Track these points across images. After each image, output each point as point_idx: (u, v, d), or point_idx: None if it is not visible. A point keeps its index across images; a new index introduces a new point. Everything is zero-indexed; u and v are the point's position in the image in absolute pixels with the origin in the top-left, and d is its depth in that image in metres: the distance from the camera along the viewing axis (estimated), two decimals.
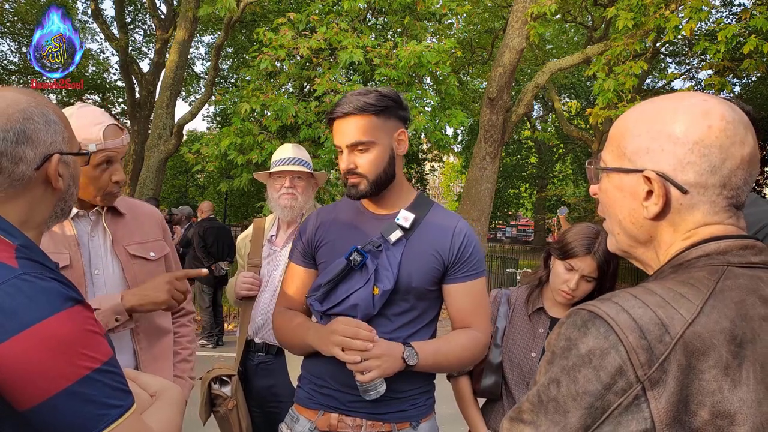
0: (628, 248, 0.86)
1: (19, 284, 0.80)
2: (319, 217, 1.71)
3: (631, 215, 0.82)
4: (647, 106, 0.82)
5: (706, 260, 0.75)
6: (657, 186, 0.77)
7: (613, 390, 0.66)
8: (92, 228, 1.64)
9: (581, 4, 12.12)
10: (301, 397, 1.66)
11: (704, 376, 0.65)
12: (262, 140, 7.76)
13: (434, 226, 1.61)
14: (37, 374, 0.77)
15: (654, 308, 0.68)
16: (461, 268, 1.60)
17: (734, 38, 7.74)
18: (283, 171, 2.37)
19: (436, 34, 10.65)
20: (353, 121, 1.53)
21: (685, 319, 0.67)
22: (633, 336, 0.66)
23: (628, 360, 0.66)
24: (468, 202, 9.22)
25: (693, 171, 0.75)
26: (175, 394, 1.04)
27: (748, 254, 0.75)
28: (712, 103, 0.77)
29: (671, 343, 0.66)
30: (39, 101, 0.96)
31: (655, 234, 0.81)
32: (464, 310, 1.61)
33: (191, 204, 24.66)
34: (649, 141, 0.78)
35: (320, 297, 1.57)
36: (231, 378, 2.32)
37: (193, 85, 21.34)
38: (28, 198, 0.94)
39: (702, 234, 0.77)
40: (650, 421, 0.65)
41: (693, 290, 0.71)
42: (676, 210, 0.78)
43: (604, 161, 0.86)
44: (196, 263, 7.04)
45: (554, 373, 0.70)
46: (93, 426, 0.79)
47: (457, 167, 30.82)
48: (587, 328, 0.69)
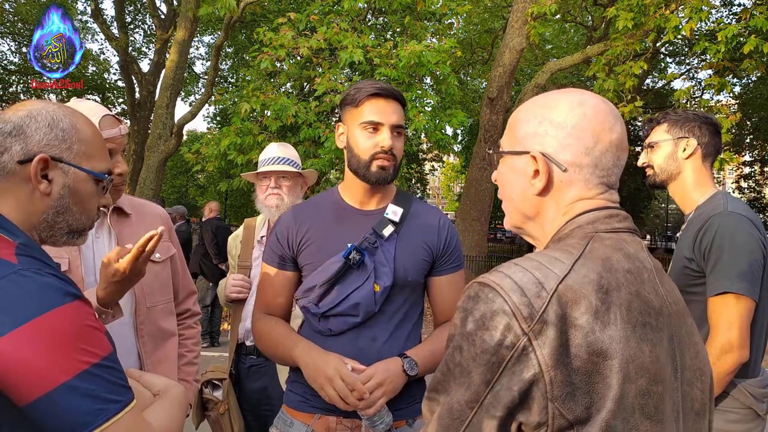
0: (520, 224, 0.97)
1: (17, 279, 0.80)
2: (297, 217, 1.63)
3: (522, 193, 0.93)
4: (538, 99, 0.95)
5: (578, 230, 0.86)
6: (542, 164, 0.88)
7: (504, 345, 0.74)
8: (97, 229, 1.61)
9: (581, 4, 12.12)
10: (294, 401, 1.60)
11: (578, 322, 0.74)
12: (262, 140, 7.76)
13: (420, 219, 1.62)
14: (36, 368, 0.77)
15: (532, 271, 0.78)
16: (448, 259, 1.62)
17: (734, 38, 7.74)
18: (268, 171, 2.35)
19: (436, 34, 10.63)
20: (396, 105, 1.57)
21: (558, 275, 0.77)
22: (515, 295, 0.75)
23: (513, 317, 0.74)
24: (468, 202, 9.22)
25: (570, 152, 0.88)
26: (178, 393, 1.04)
27: (613, 221, 0.87)
28: (587, 95, 0.91)
29: (547, 297, 0.75)
30: (61, 111, 0.99)
31: (541, 209, 0.92)
32: (451, 302, 1.63)
33: (191, 204, 24.69)
34: (536, 126, 0.91)
35: (315, 299, 1.53)
36: (222, 382, 2.30)
37: (193, 85, 21.35)
38: (15, 195, 0.94)
39: (577, 209, 0.88)
40: (538, 366, 0.73)
41: (566, 254, 0.81)
42: (557, 187, 0.89)
43: (502, 147, 0.98)
44: (205, 261, 7.04)
45: (456, 341, 0.79)
46: (91, 421, 0.79)
47: (457, 167, 30.80)
48: (479, 297, 0.78)
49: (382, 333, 1.53)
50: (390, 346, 1.53)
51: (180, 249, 1.87)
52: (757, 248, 1.63)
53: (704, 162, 1.82)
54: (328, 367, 1.42)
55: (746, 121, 16.79)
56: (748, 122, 17.27)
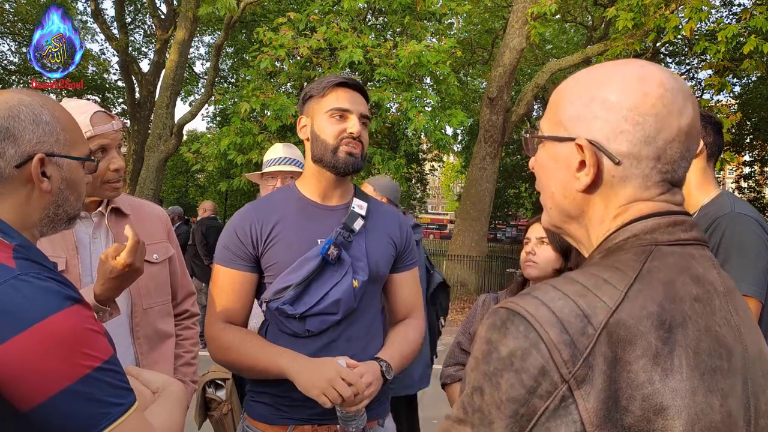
0: (561, 223, 0.81)
1: (17, 284, 0.80)
2: (258, 214, 1.52)
3: (564, 188, 0.76)
4: (586, 72, 0.78)
5: (633, 241, 0.70)
6: (589, 155, 0.72)
7: (537, 393, 0.60)
8: (94, 230, 1.59)
9: (581, 4, 12.12)
10: (263, 414, 1.49)
11: (632, 368, 0.60)
12: (262, 140, 7.77)
13: (382, 214, 1.62)
14: (38, 374, 0.77)
15: (575, 298, 0.63)
16: (407, 255, 1.63)
17: (734, 38, 7.74)
18: (275, 171, 2.35)
19: (436, 34, 10.64)
20: (361, 97, 1.55)
21: (609, 306, 0.62)
22: (553, 331, 0.61)
23: (550, 358, 0.60)
24: (468, 202, 9.22)
25: (626, 140, 0.70)
26: (177, 391, 1.04)
27: (678, 231, 0.70)
28: (650, 69, 0.72)
29: (594, 334, 0.60)
30: (35, 101, 0.95)
31: (586, 209, 0.76)
32: (410, 298, 1.64)
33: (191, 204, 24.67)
34: (583, 108, 0.73)
35: (290, 299, 1.43)
36: (225, 381, 2.30)
37: (193, 85, 21.34)
38: (15, 198, 0.93)
39: (632, 212, 0.72)
40: (580, 423, 0.59)
41: (618, 274, 0.66)
42: (608, 183, 0.73)
43: (542, 130, 0.81)
44: (197, 261, 7.04)
45: (477, 380, 0.65)
46: (95, 424, 0.79)
47: (457, 167, 30.80)
48: (507, 328, 0.63)
49: (358, 330, 1.50)
50: (366, 344, 1.51)
51: (180, 250, 1.85)
52: (764, 249, 1.63)
53: (708, 162, 1.81)
54: (326, 370, 1.35)
55: (746, 121, 16.78)
56: (748, 122, 17.25)
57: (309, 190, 1.56)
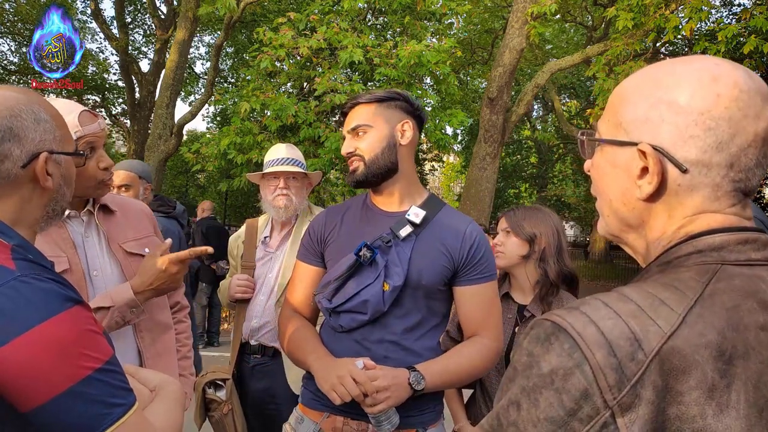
0: (618, 232, 0.76)
1: (18, 286, 0.80)
2: (327, 215, 1.71)
3: (624, 195, 0.71)
4: (651, 70, 0.71)
5: (697, 257, 0.64)
6: (652, 162, 0.66)
7: (577, 417, 0.57)
8: (85, 228, 1.62)
9: (581, 4, 12.12)
10: (306, 398, 1.64)
11: (684, 399, 0.56)
12: (262, 140, 7.76)
13: (445, 225, 1.60)
14: (39, 376, 0.77)
15: (627, 319, 0.59)
16: (472, 269, 1.57)
17: (734, 38, 7.74)
18: (278, 171, 2.35)
19: (436, 34, 10.63)
20: (357, 109, 1.62)
21: (663, 331, 0.58)
22: (600, 353, 0.57)
23: (594, 382, 0.57)
24: (468, 202, 9.21)
25: (695, 146, 0.64)
26: (175, 389, 1.04)
27: (748, 249, 0.64)
28: (725, 67, 0.66)
29: (645, 361, 0.56)
30: (31, 99, 0.95)
31: (647, 218, 0.70)
32: (474, 315, 1.58)
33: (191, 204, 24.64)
34: (648, 109, 0.68)
35: (329, 294, 1.56)
36: (225, 382, 2.30)
37: (193, 85, 21.33)
38: (17, 197, 0.93)
39: (698, 225, 0.66)
40: None
41: (676, 295, 0.60)
42: (672, 191, 0.67)
43: (599, 132, 0.75)
44: (197, 261, 7.04)
45: (514, 393, 0.62)
46: (96, 425, 0.79)
47: (457, 167, 30.80)
48: (550, 343, 0.60)
49: (389, 335, 1.51)
50: (397, 350, 1.51)
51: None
52: None
53: None
54: (339, 368, 1.43)
55: None
56: None
57: (377, 197, 1.68)
